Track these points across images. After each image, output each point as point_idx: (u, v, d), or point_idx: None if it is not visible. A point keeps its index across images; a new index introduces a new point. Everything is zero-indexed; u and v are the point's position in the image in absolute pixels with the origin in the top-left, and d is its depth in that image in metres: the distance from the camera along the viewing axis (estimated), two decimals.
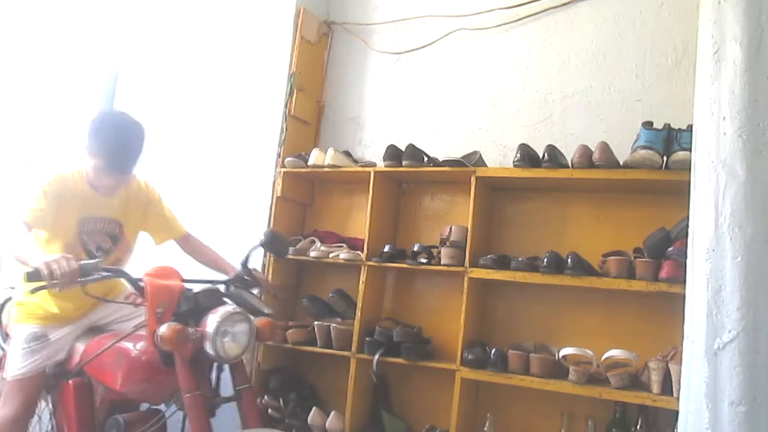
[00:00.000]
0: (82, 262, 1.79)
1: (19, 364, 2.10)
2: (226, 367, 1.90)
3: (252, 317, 1.93)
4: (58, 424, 2.13)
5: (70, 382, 2.08)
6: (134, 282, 1.90)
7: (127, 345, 1.96)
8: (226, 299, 1.96)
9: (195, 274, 2.16)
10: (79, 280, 1.77)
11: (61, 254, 1.78)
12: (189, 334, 1.75)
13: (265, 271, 2.90)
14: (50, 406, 2.23)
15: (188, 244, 2.50)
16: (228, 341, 1.79)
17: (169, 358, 1.80)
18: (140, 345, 1.93)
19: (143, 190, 2.37)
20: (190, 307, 1.84)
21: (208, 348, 1.76)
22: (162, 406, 2.01)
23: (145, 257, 2.46)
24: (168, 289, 1.85)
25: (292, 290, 3.07)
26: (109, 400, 2.08)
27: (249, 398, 1.87)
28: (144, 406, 2.14)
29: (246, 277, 2.18)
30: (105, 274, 1.83)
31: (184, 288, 1.88)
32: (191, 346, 1.77)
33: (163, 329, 1.72)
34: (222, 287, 2.07)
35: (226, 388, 1.91)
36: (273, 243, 2.28)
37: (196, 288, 1.91)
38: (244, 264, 2.19)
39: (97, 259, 1.87)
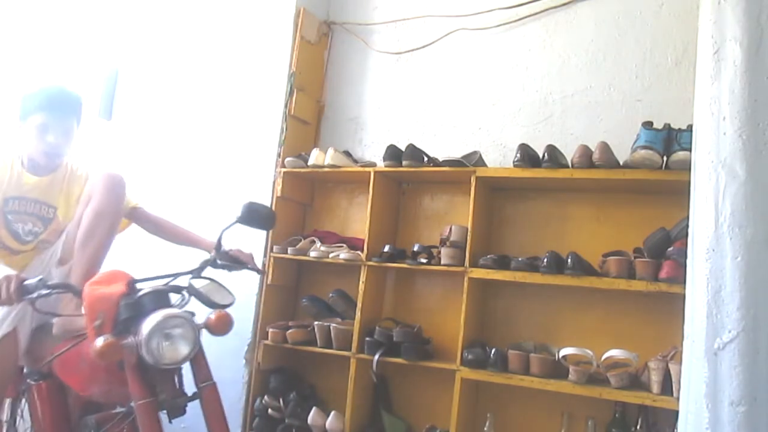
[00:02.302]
0: (26, 282, 1.75)
1: None
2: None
3: (211, 309, 1.80)
4: (34, 425, 2.08)
5: (42, 383, 2.02)
6: (79, 294, 1.81)
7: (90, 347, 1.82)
8: (184, 293, 1.84)
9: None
10: (24, 298, 1.74)
11: (4, 275, 1.75)
12: (123, 346, 1.63)
13: (266, 270, 2.90)
14: (28, 406, 2.17)
15: (148, 222, 2.37)
16: (167, 346, 1.65)
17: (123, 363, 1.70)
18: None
19: (83, 173, 2.31)
20: (131, 314, 1.70)
21: (145, 354, 1.63)
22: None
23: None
24: (106, 298, 1.72)
25: (292, 290, 3.07)
26: (82, 401, 2.01)
27: (210, 396, 1.74)
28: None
29: (219, 261, 2.03)
30: (45, 291, 1.76)
31: (125, 294, 1.74)
32: (134, 354, 1.66)
33: (96, 344, 1.61)
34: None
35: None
36: (252, 216, 2.04)
37: (147, 288, 1.78)
38: (218, 248, 2.04)
39: (40, 277, 1.79)
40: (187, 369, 1.84)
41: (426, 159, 2.67)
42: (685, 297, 1.75)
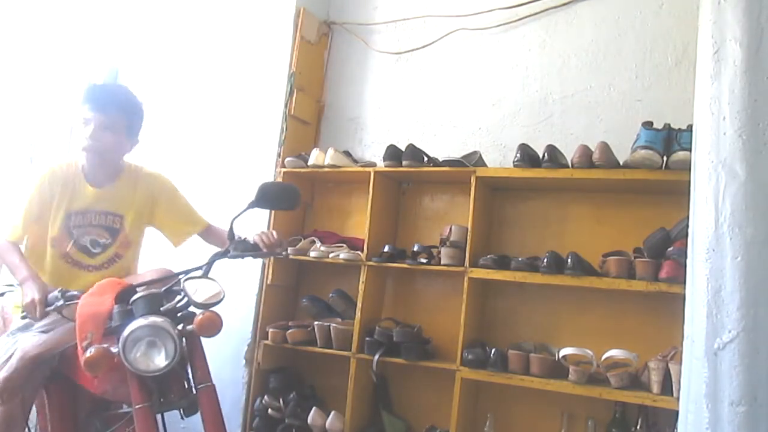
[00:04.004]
0: (50, 295, 1.87)
1: None
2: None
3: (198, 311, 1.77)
4: (41, 424, 2.08)
5: (51, 384, 2.02)
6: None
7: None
8: (182, 293, 1.81)
9: None
10: (46, 310, 1.86)
11: (31, 298, 1.86)
12: (112, 354, 1.64)
13: (265, 270, 2.90)
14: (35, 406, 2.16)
15: (211, 235, 2.35)
16: (139, 356, 1.65)
17: None
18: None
19: (152, 180, 2.30)
20: (121, 322, 1.72)
21: (125, 363, 1.64)
22: None
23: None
24: (93, 317, 1.74)
25: (292, 290, 3.07)
26: (89, 401, 2.01)
27: (207, 398, 1.70)
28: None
29: (233, 252, 1.98)
30: (61, 303, 1.85)
31: (112, 309, 1.77)
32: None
33: (85, 357, 1.61)
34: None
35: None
36: (269, 196, 1.97)
37: (138, 294, 1.79)
38: (230, 237, 2.00)
39: (59, 289, 1.88)
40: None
41: (426, 159, 2.67)
42: (685, 297, 1.75)
